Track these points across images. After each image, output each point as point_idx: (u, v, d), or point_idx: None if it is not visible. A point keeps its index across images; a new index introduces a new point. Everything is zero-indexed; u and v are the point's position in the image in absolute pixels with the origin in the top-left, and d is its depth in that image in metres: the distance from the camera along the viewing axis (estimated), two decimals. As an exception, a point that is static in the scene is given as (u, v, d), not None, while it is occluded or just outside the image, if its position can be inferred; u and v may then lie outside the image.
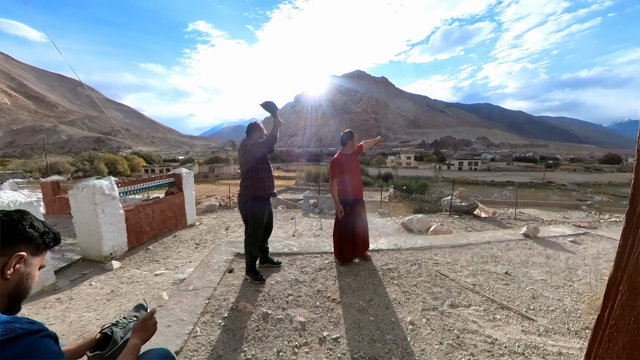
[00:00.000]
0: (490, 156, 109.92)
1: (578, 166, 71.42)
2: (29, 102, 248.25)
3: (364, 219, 3.30)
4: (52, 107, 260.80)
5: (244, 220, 2.94)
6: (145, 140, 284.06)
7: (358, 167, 3.24)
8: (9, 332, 0.57)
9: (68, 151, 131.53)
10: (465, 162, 76.19)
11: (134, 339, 1.06)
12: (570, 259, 3.50)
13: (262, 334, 2.13)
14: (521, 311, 2.32)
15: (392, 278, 2.92)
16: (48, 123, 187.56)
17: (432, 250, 3.70)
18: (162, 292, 3.57)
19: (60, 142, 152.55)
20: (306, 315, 2.31)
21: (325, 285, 2.78)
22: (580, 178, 47.81)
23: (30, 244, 0.81)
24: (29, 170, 44.02)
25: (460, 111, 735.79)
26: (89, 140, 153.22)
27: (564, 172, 61.26)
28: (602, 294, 2.16)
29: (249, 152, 2.74)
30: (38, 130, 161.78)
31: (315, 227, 7.19)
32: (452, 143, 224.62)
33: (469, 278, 2.92)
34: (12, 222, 0.79)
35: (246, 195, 2.80)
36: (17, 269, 0.77)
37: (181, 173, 7.33)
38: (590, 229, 4.78)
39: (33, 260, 0.83)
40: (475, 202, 9.26)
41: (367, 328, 2.16)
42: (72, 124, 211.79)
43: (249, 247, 2.88)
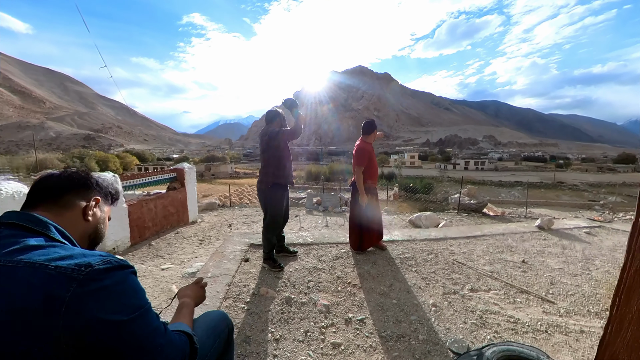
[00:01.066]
0: (497, 155, 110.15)
1: (590, 166, 71.62)
2: (15, 97, 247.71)
3: (378, 204, 3.49)
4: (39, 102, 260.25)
5: (263, 207, 3.07)
6: (137, 137, 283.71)
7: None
8: (106, 262, 0.64)
9: (56, 148, 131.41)
10: (471, 162, 76.40)
11: (185, 299, 1.10)
12: (587, 249, 3.66)
13: (288, 316, 2.26)
14: (541, 295, 2.47)
15: (409, 266, 3.07)
16: (35, 119, 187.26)
17: (446, 241, 3.85)
18: (172, 285, 3.70)
19: (48, 139, 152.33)
20: (329, 299, 2.45)
21: (345, 272, 2.92)
22: (593, 178, 47.98)
23: (101, 192, 0.90)
24: (16, 167, 43.98)
25: (467, 108, 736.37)
26: (79, 137, 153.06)
27: (576, 172, 61.50)
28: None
29: (273, 139, 2.87)
30: (24, 127, 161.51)
31: (320, 224, 7.32)
32: (457, 142, 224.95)
33: (486, 266, 3.07)
34: (83, 173, 0.89)
35: (267, 182, 2.93)
36: (94, 212, 0.85)
37: (183, 168, 7.44)
38: (605, 222, 4.93)
39: (104, 207, 0.92)
40: (485, 200, 9.40)
41: (391, 310, 2.30)
42: (60, 120, 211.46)
43: (267, 235, 3.02)
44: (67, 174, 0.85)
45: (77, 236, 0.79)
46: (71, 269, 0.59)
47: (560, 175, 52.48)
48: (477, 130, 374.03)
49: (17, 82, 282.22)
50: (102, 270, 0.62)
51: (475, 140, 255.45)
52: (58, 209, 0.78)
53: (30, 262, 0.59)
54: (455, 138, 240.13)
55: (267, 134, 2.92)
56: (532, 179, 45.27)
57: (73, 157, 55.34)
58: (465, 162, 76.80)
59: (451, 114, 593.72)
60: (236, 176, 56.54)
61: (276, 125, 3.02)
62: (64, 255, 0.62)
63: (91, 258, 0.63)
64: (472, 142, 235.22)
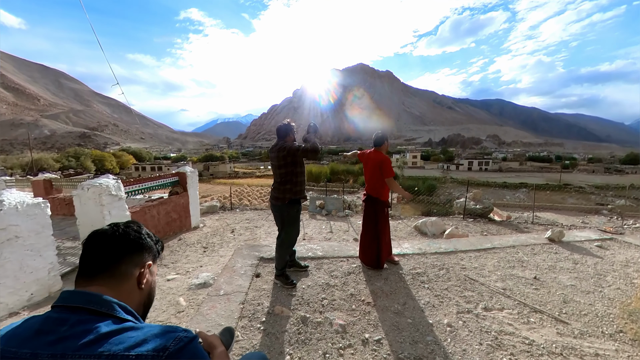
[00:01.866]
0: (501, 155, 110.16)
1: (597, 167, 71.57)
2: (8, 93, 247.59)
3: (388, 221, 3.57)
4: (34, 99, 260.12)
5: (280, 224, 3.12)
6: (134, 136, 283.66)
7: None
8: (178, 340, 0.66)
9: (51, 147, 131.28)
10: (475, 162, 76.39)
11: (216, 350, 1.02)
12: (599, 264, 3.73)
13: (305, 337, 2.33)
14: (554, 315, 2.55)
15: (422, 282, 3.15)
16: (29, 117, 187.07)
17: (457, 254, 3.92)
18: (179, 297, 3.76)
19: (42, 137, 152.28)
20: (344, 319, 2.52)
21: (358, 289, 3.00)
22: (600, 180, 48.00)
23: (151, 253, 0.87)
24: (10, 167, 44.05)
25: (470, 107, 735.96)
26: (74, 135, 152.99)
27: (582, 173, 61.51)
28: (634, 300, 2.37)
29: (292, 155, 2.88)
30: (18, 125, 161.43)
31: (325, 230, 7.36)
32: (460, 141, 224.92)
33: (498, 283, 3.14)
34: (136, 232, 0.85)
35: (283, 198, 2.98)
36: (147, 279, 0.84)
37: (186, 172, 7.46)
38: (616, 234, 4.99)
39: (154, 268, 0.89)
40: (491, 204, 9.46)
41: (406, 330, 2.37)
42: (55, 118, 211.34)
43: (282, 251, 3.08)
44: (120, 233, 0.82)
45: (134, 307, 0.79)
46: (151, 355, 0.62)
47: (566, 176, 52.52)
48: (480, 129, 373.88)
49: (10, 79, 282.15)
50: (177, 349, 0.65)
51: (478, 139, 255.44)
52: (115, 282, 0.77)
53: (111, 355, 0.60)
54: (458, 137, 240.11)
55: (285, 150, 2.89)
56: (537, 181, 45.31)
57: (69, 156, 55.41)
58: (468, 162, 76.79)
59: (454, 112, 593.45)
60: (235, 176, 56.64)
61: (289, 140, 3.03)
62: (139, 339, 0.65)
63: (163, 339, 0.66)
64: (475, 142, 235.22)
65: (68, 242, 5.95)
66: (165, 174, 7.39)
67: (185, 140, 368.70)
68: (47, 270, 3.72)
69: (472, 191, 10.00)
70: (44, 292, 3.66)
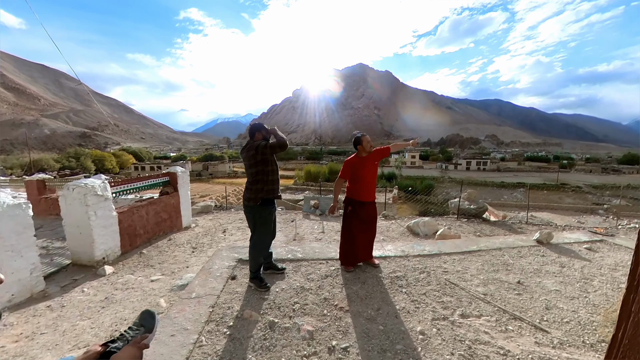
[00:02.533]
0: (500, 155, 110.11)
1: (594, 166, 71.52)
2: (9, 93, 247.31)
3: (370, 223, 3.40)
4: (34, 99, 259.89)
5: (252, 225, 3.01)
6: (134, 136, 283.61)
7: (371, 170, 3.32)
8: None
9: (52, 146, 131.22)
10: (473, 162, 76.30)
11: None
12: (586, 267, 3.60)
13: (270, 343, 2.21)
14: (534, 322, 2.41)
15: (400, 286, 3.01)
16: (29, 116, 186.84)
17: (441, 257, 3.79)
18: (160, 299, 3.65)
19: (42, 136, 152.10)
20: (314, 324, 2.40)
21: (332, 293, 2.87)
22: (597, 179, 47.96)
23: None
24: (10, 167, 43.98)
25: (469, 107, 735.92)
26: (74, 135, 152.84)
27: (579, 173, 61.48)
28: (619, 306, 2.25)
29: (261, 153, 2.78)
30: (19, 124, 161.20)
31: (317, 230, 7.26)
32: (459, 141, 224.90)
33: (480, 287, 3.01)
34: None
35: (255, 199, 2.86)
36: None
37: (176, 172, 7.35)
38: (607, 236, 4.86)
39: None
40: (485, 204, 9.36)
41: (376, 337, 2.24)
42: (55, 117, 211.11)
43: (255, 254, 2.96)
44: None
45: None
46: None
47: (563, 176, 52.44)
48: (479, 129, 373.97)
49: (11, 79, 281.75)
50: None
51: (477, 139, 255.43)
52: None
53: None
54: (457, 137, 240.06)
55: (253, 148, 2.81)
56: (535, 180, 45.26)
57: (69, 156, 55.27)
58: (467, 162, 76.68)
59: (453, 112, 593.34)
60: (234, 175, 56.58)
61: (258, 138, 2.94)
62: None
63: None
64: (474, 142, 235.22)
65: (57, 242, 5.85)
66: (156, 174, 7.28)
67: (185, 140, 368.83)
68: (29, 271, 3.67)
69: (467, 191, 9.89)
70: (25, 293, 3.61)
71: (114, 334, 2.77)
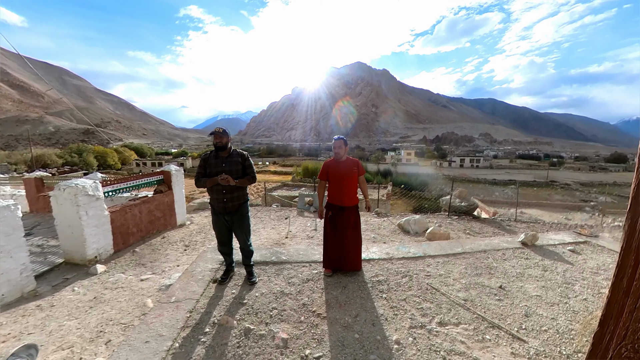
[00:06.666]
0: (492, 153, 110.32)
1: (583, 165, 71.87)
2: (13, 91, 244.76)
3: (349, 229, 3.20)
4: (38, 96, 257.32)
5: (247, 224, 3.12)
6: (136, 132, 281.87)
7: (349, 174, 3.15)
8: None
9: (55, 143, 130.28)
10: (467, 159, 76.37)
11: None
12: (568, 271, 3.50)
13: (243, 351, 2.11)
14: (512, 331, 2.31)
15: (381, 291, 2.91)
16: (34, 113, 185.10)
17: (425, 260, 3.68)
18: (147, 299, 3.54)
19: (47, 133, 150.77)
20: (289, 332, 2.29)
21: (312, 299, 2.76)
22: (585, 177, 48.11)
23: None
24: (14, 162, 43.56)
25: (464, 106, 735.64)
26: (78, 132, 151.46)
27: (568, 171, 61.64)
28: (597, 314, 2.15)
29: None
30: (23, 121, 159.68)
31: (309, 228, 7.15)
32: (454, 139, 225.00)
33: (461, 292, 2.91)
34: None
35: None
36: None
37: (170, 170, 7.24)
38: (591, 237, 4.77)
39: None
40: (475, 202, 9.29)
41: (351, 346, 2.14)
42: (59, 114, 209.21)
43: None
44: None
45: None
46: None
47: (553, 173, 52.59)
48: (473, 127, 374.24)
49: (15, 76, 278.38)
50: None
51: (471, 137, 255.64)
52: None
53: None
54: (451, 135, 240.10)
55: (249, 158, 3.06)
56: (526, 178, 45.32)
57: (72, 152, 54.72)
58: (460, 159, 76.73)
59: (448, 111, 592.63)
60: (234, 172, 56.19)
61: None
62: None
63: None
64: (468, 140, 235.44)
65: (52, 240, 5.73)
66: (149, 172, 7.15)
67: (186, 137, 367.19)
68: (19, 271, 3.60)
69: (458, 189, 9.81)
70: (16, 293, 3.54)
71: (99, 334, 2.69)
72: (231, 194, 2.85)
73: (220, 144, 2.88)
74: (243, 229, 3.02)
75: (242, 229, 3.02)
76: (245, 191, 3.05)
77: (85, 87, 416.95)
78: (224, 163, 2.87)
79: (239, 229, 3.02)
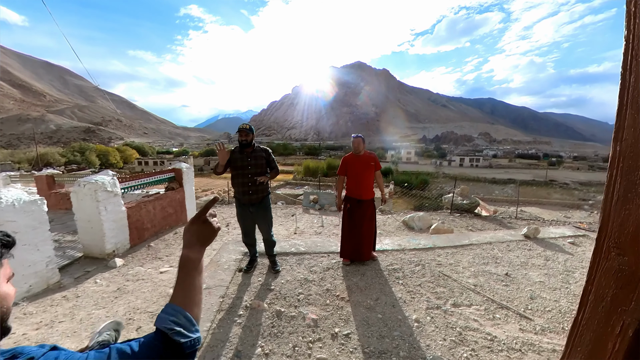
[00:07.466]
0: (492, 152, 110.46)
1: (582, 164, 72.06)
2: (15, 90, 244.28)
3: (366, 220, 3.44)
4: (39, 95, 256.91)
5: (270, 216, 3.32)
6: (137, 131, 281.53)
7: (366, 169, 3.38)
8: None
9: (57, 141, 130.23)
10: (466, 159, 76.50)
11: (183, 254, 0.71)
12: (568, 261, 3.74)
13: (277, 330, 2.33)
14: (519, 311, 2.55)
15: (397, 278, 3.14)
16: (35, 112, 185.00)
17: (435, 251, 3.91)
18: (169, 289, 3.75)
19: (48, 132, 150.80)
20: (317, 313, 2.52)
21: (334, 285, 2.99)
22: (584, 177, 48.34)
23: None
24: (18, 161, 43.66)
25: (463, 106, 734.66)
26: (79, 130, 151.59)
27: (567, 170, 61.89)
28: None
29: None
30: (25, 120, 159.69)
31: (316, 224, 7.35)
32: (453, 138, 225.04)
33: (471, 279, 3.14)
34: None
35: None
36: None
37: (181, 168, 7.42)
38: (589, 231, 5.01)
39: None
40: (477, 200, 9.49)
41: (375, 325, 2.37)
42: (60, 113, 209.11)
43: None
44: None
45: None
46: None
47: (552, 173, 52.80)
48: (473, 127, 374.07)
49: (16, 76, 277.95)
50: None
51: (470, 137, 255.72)
52: None
53: None
54: (451, 135, 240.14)
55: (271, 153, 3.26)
56: (525, 177, 45.55)
57: (74, 150, 54.83)
58: (460, 158, 76.88)
59: (448, 110, 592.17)
60: (235, 171, 56.25)
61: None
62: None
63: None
64: (467, 139, 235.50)
65: (68, 235, 5.91)
66: (162, 170, 7.33)
67: (187, 135, 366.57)
68: (45, 264, 3.75)
69: (460, 187, 10.01)
70: (42, 284, 3.70)
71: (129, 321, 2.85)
72: (256, 186, 3.07)
73: (245, 141, 3.09)
74: (266, 220, 3.25)
75: (265, 220, 3.24)
76: (268, 185, 3.26)
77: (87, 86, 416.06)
78: (250, 157, 3.08)
79: (262, 220, 3.24)
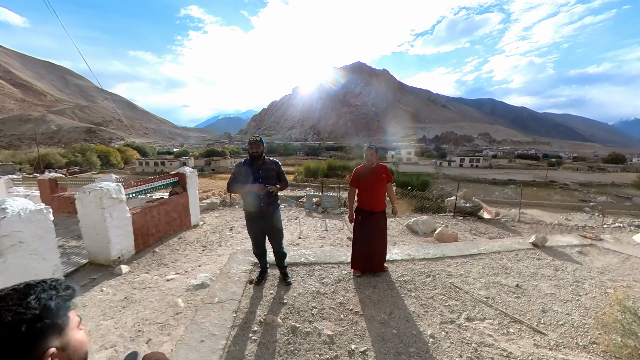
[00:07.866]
0: (492, 153, 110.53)
1: (581, 165, 72.10)
2: (16, 90, 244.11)
3: (377, 232, 3.44)
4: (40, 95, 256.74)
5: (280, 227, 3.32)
6: (138, 131, 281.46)
7: (377, 181, 3.38)
8: None
9: (58, 142, 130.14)
10: (466, 159, 76.48)
11: None
12: (577, 270, 3.75)
13: (294, 347, 2.33)
14: (532, 325, 2.56)
15: (409, 290, 3.15)
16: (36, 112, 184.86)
17: (444, 261, 3.92)
18: (177, 299, 3.73)
19: (49, 132, 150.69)
20: (332, 329, 2.52)
21: (347, 298, 2.99)
22: (583, 177, 48.35)
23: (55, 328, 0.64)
24: (19, 162, 43.59)
25: (463, 106, 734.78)
26: (80, 130, 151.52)
27: (567, 171, 61.88)
28: (606, 310, 2.38)
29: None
30: (26, 120, 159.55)
31: (320, 228, 7.36)
32: (453, 139, 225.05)
33: (482, 291, 3.15)
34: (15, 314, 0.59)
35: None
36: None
37: (185, 172, 7.42)
38: (596, 240, 5.02)
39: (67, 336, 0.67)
40: (480, 203, 9.51)
41: (391, 341, 2.38)
42: (61, 113, 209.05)
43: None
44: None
45: None
46: None
47: (552, 173, 52.80)
48: (472, 127, 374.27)
49: (17, 75, 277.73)
50: None
51: (470, 137, 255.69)
52: None
53: None
54: (451, 135, 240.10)
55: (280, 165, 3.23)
56: (525, 177, 45.53)
57: (75, 151, 54.77)
58: (460, 159, 76.83)
59: (448, 111, 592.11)
60: (236, 171, 56.19)
61: None
62: None
63: None
64: (467, 139, 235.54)
65: (72, 241, 5.90)
66: (166, 174, 7.33)
67: (187, 136, 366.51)
68: (52, 272, 3.73)
69: (463, 190, 10.02)
70: None
71: (138, 334, 2.82)
72: (267, 198, 3.08)
73: (256, 154, 3.09)
74: (278, 232, 3.26)
75: (276, 232, 3.26)
76: (277, 196, 3.27)
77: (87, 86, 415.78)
78: (260, 170, 3.09)
79: (273, 232, 3.25)
